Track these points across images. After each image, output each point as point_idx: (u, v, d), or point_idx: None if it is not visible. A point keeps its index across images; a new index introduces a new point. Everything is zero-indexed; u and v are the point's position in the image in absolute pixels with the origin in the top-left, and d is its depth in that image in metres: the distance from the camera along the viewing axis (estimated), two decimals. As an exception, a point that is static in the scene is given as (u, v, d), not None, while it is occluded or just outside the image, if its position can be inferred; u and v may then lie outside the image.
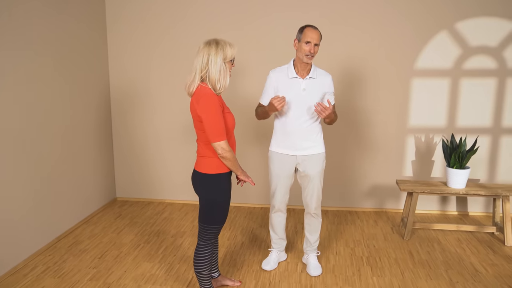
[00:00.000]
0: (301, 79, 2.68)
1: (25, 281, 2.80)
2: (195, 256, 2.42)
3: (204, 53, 2.22)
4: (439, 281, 2.84)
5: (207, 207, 2.33)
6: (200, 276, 2.44)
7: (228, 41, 2.27)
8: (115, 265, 3.02)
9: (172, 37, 4.02)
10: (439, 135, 3.93)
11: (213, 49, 2.21)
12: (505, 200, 3.37)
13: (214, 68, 2.21)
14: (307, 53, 2.59)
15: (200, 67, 2.23)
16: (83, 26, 3.69)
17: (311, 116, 2.71)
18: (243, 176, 2.42)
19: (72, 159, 3.58)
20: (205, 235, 2.39)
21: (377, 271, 2.96)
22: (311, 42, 2.57)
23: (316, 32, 2.59)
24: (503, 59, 3.74)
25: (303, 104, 2.68)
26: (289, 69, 2.71)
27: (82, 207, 3.78)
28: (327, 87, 2.73)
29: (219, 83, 2.24)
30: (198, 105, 2.20)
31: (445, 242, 3.43)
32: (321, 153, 2.79)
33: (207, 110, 2.18)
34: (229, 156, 2.26)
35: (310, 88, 2.68)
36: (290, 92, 2.68)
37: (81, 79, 3.69)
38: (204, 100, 2.19)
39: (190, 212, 4.08)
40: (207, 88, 2.24)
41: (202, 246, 2.41)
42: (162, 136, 4.22)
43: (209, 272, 2.45)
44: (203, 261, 2.41)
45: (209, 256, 2.42)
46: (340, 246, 3.37)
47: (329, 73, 2.79)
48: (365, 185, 4.09)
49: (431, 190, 3.44)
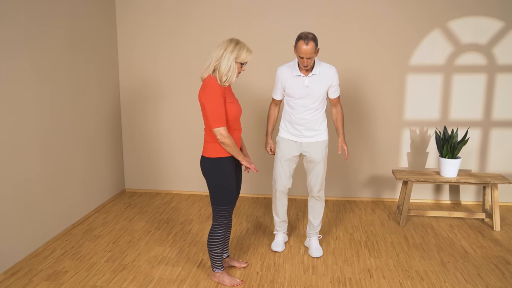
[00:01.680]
0: (305, 76, 2.90)
1: (47, 262, 3.00)
2: (209, 236, 2.62)
3: (222, 47, 2.44)
4: (431, 261, 3.05)
5: (213, 189, 2.54)
6: (212, 254, 2.65)
7: (248, 46, 2.49)
8: (129, 249, 3.22)
9: (182, 30, 4.22)
10: (433, 127, 4.15)
11: (231, 47, 2.43)
12: (493, 188, 3.59)
13: (226, 63, 2.43)
14: (303, 65, 2.80)
15: (215, 58, 2.44)
16: (94, 20, 3.89)
17: (315, 108, 2.94)
18: (245, 162, 2.57)
19: (84, 153, 3.78)
20: (217, 216, 2.59)
21: (374, 253, 3.18)
22: (304, 57, 2.75)
23: (307, 48, 2.68)
24: (493, 56, 3.96)
25: (307, 98, 2.90)
26: (294, 67, 2.92)
27: (94, 197, 3.98)
28: (330, 80, 2.93)
29: (225, 77, 2.45)
30: (203, 94, 2.43)
31: (438, 228, 3.65)
32: (324, 140, 3.02)
33: (209, 98, 2.40)
34: (227, 142, 2.45)
35: (313, 84, 2.89)
36: (295, 88, 2.91)
37: (92, 74, 3.88)
38: (208, 89, 2.41)
39: (197, 201, 4.28)
40: (213, 79, 2.45)
41: (216, 226, 2.61)
42: (169, 130, 4.42)
43: (221, 251, 2.65)
44: (217, 241, 2.61)
45: (222, 236, 2.62)
46: (340, 231, 3.58)
47: (333, 66, 2.95)
48: (363, 176, 4.31)
49: (425, 178, 3.65)
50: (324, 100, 2.98)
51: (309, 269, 2.93)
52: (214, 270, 2.72)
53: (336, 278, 2.82)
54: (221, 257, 2.68)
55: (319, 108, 2.95)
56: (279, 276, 2.84)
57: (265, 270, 2.91)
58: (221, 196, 2.54)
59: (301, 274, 2.86)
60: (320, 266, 2.97)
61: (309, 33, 2.73)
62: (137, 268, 2.92)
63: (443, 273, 2.88)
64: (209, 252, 2.67)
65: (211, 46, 4.19)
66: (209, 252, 2.66)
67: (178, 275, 2.84)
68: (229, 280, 2.70)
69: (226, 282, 2.69)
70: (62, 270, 2.90)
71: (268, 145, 3.16)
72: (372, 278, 2.82)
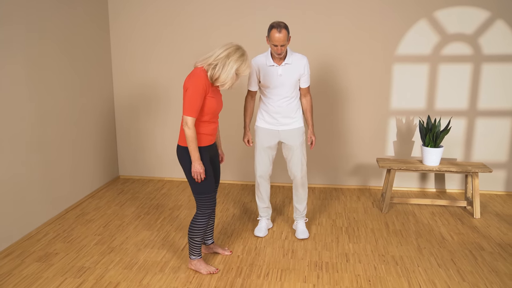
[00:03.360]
0: (278, 66, 2.98)
1: (39, 244, 3.15)
2: (191, 224, 2.69)
3: (227, 49, 2.47)
4: (408, 246, 3.16)
5: (189, 178, 2.61)
6: (192, 242, 2.72)
7: (249, 63, 2.53)
8: (118, 233, 3.36)
9: (173, 28, 4.30)
10: (419, 117, 4.21)
11: (237, 55, 2.46)
12: (474, 177, 3.67)
13: (228, 71, 2.46)
14: (276, 53, 2.88)
15: (216, 56, 2.46)
16: (87, 17, 3.97)
17: (290, 96, 3.03)
18: (197, 165, 2.49)
19: (79, 141, 3.91)
20: (200, 205, 2.66)
21: (353, 239, 3.28)
22: (278, 45, 2.83)
23: (280, 35, 2.78)
24: (478, 46, 3.99)
25: (282, 87, 3.00)
26: (267, 57, 3.01)
27: (88, 183, 4.12)
28: (302, 69, 3.02)
29: (220, 83, 2.50)
30: (188, 81, 2.48)
31: (419, 215, 3.74)
32: (300, 127, 3.12)
33: (190, 87, 2.45)
34: (188, 133, 2.46)
35: (286, 73, 2.98)
36: (269, 77, 3.00)
37: (85, 66, 3.98)
38: (192, 79, 2.47)
39: (187, 188, 4.41)
40: (202, 71, 2.50)
41: (199, 215, 2.67)
42: (161, 119, 4.53)
43: (201, 239, 2.73)
44: (198, 229, 2.68)
45: (204, 225, 2.69)
46: (323, 218, 3.69)
47: (305, 56, 3.09)
48: (350, 164, 4.40)
49: (407, 167, 3.74)
50: (297, 89, 3.07)
51: (289, 253, 3.05)
52: (191, 257, 2.77)
53: (313, 262, 2.93)
54: (200, 245, 2.75)
55: (293, 96, 3.04)
56: (258, 259, 2.96)
57: (246, 253, 3.04)
58: (199, 185, 2.61)
59: (280, 257, 2.98)
60: (299, 251, 3.09)
61: (280, 22, 2.84)
62: (124, 251, 3.06)
63: (418, 258, 2.98)
64: (189, 240, 2.73)
65: (202, 42, 4.27)
66: (189, 239, 2.73)
67: (162, 257, 2.97)
68: (205, 268, 2.76)
69: (202, 270, 2.75)
70: (53, 252, 3.04)
71: (246, 136, 3.24)
72: (348, 262, 2.93)
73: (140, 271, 2.80)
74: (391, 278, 2.73)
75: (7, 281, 2.68)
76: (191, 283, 2.66)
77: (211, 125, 2.63)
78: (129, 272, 2.78)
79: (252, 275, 2.76)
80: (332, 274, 2.78)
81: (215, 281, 2.69)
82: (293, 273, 2.79)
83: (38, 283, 2.65)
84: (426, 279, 2.73)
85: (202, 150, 2.61)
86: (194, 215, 2.71)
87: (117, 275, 2.75)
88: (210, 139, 2.65)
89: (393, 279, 2.72)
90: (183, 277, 2.73)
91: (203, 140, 2.61)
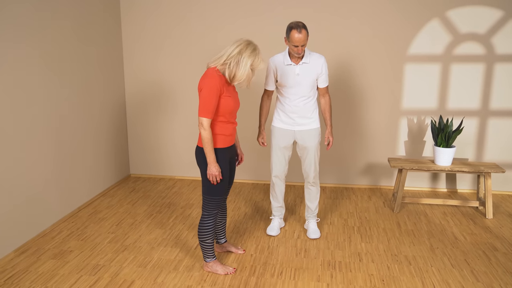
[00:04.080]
0: (296, 65, 2.98)
1: (53, 242, 3.18)
2: (199, 226, 2.68)
3: (238, 47, 2.45)
4: (421, 246, 3.16)
5: (204, 179, 2.59)
6: (203, 245, 2.71)
7: (261, 55, 2.51)
8: (131, 231, 3.39)
9: (185, 25, 4.32)
10: (430, 117, 4.20)
11: (249, 51, 2.44)
12: (487, 177, 3.65)
13: (243, 68, 2.44)
14: (296, 53, 2.88)
15: (228, 54, 2.46)
16: (99, 13, 4.00)
17: (306, 96, 3.03)
18: (212, 167, 2.48)
19: (91, 140, 3.94)
20: (207, 206, 2.64)
21: (366, 238, 3.29)
22: (298, 45, 2.83)
23: (300, 36, 2.78)
24: (491, 46, 3.97)
25: (299, 86, 3.00)
26: (285, 56, 3.01)
27: (100, 182, 4.15)
28: (320, 68, 3.02)
29: (238, 81, 2.48)
30: (201, 83, 2.48)
31: (431, 215, 3.73)
32: (317, 128, 3.12)
33: (204, 88, 2.44)
34: (203, 134, 2.45)
35: (303, 72, 2.98)
36: (286, 76, 2.99)
37: (98, 67, 4.01)
38: (206, 80, 2.46)
39: (198, 187, 4.43)
40: (216, 71, 2.49)
41: (206, 216, 2.66)
42: (172, 118, 4.55)
43: (212, 240, 2.72)
44: (207, 230, 2.67)
45: (212, 226, 2.67)
46: (334, 217, 3.69)
47: (322, 56, 3.07)
48: (361, 164, 4.40)
49: (419, 167, 3.73)
50: (315, 89, 3.07)
51: (301, 252, 3.06)
52: (206, 260, 2.76)
53: (326, 261, 2.94)
54: (213, 246, 2.73)
55: (310, 96, 3.04)
56: (271, 258, 2.97)
57: (259, 252, 3.05)
58: (213, 187, 2.58)
59: (293, 257, 2.99)
60: (312, 250, 3.09)
61: (299, 22, 2.83)
62: (137, 249, 3.08)
63: (431, 258, 2.98)
64: (200, 242, 2.71)
65: (213, 39, 4.28)
66: (200, 242, 2.70)
67: (176, 256, 2.99)
68: (222, 269, 2.74)
69: (219, 271, 2.74)
70: (68, 249, 3.07)
71: (260, 136, 3.23)
72: (361, 261, 2.94)
73: (154, 269, 2.82)
74: (405, 278, 2.73)
75: (24, 277, 2.71)
76: (205, 281, 2.68)
77: (229, 126, 2.60)
78: (143, 270, 2.80)
79: (265, 274, 2.77)
80: (345, 274, 2.78)
81: (229, 279, 2.71)
82: (306, 272, 2.80)
83: (54, 280, 2.68)
84: (440, 279, 2.72)
85: (219, 152, 2.57)
86: (201, 217, 2.69)
87: (132, 273, 2.77)
88: (229, 140, 2.61)
89: (407, 279, 2.72)
90: (197, 275, 2.75)
91: (220, 141, 2.57)
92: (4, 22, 2.84)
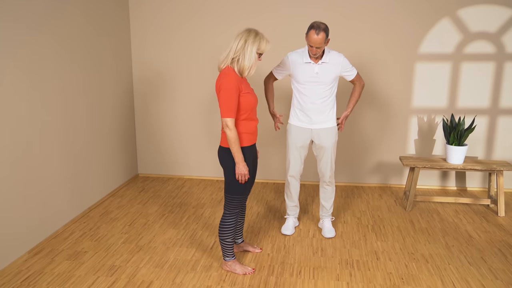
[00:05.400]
0: (314, 63, 2.97)
1: (67, 243, 3.15)
2: (220, 225, 2.68)
3: (241, 38, 2.43)
4: (436, 244, 3.16)
5: (228, 178, 2.58)
6: (223, 243, 2.70)
7: (266, 37, 2.49)
8: (144, 231, 3.36)
9: (194, 19, 4.29)
10: (440, 115, 4.21)
11: (252, 37, 2.43)
12: (499, 175, 3.66)
13: (249, 55, 2.43)
14: (312, 53, 2.88)
15: (235, 49, 2.44)
16: (107, 9, 3.96)
17: (324, 94, 3.01)
18: (241, 166, 2.47)
19: (99, 140, 3.90)
20: (229, 204, 2.64)
21: (381, 237, 3.28)
22: (313, 46, 2.82)
23: (317, 37, 2.76)
24: (502, 44, 3.99)
25: (317, 85, 2.98)
26: (304, 54, 2.99)
27: (109, 182, 4.11)
28: (341, 67, 3.00)
29: (247, 71, 2.47)
30: (219, 84, 2.45)
31: (443, 213, 3.74)
32: (334, 126, 3.10)
33: (223, 88, 2.42)
34: (230, 134, 2.43)
35: (322, 71, 2.97)
36: (304, 74, 2.97)
37: (106, 64, 3.97)
38: (223, 80, 2.44)
39: (208, 186, 4.40)
40: (230, 70, 2.47)
41: (227, 215, 2.66)
42: (180, 117, 4.52)
43: (232, 239, 2.71)
44: (228, 229, 2.66)
45: (233, 225, 2.67)
46: (348, 216, 3.69)
47: (341, 54, 3.03)
48: (371, 162, 4.40)
49: (432, 165, 3.73)
50: (334, 88, 3.05)
51: (318, 251, 3.05)
52: (225, 259, 2.76)
53: (344, 260, 2.93)
54: (232, 245, 2.72)
55: (327, 95, 3.02)
56: (289, 257, 2.96)
57: (276, 252, 3.04)
58: (237, 186, 2.57)
59: (311, 255, 2.98)
60: (328, 249, 3.08)
61: (321, 23, 2.80)
62: (153, 249, 3.06)
63: (448, 256, 2.98)
64: (220, 241, 2.71)
65: (223, 34, 4.26)
66: (220, 240, 2.71)
67: (192, 256, 2.97)
68: (240, 269, 2.73)
69: (238, 271, 2.73)
70: (82, 250, 3.04)
71: (275, 117, 3.18)
72: (378, 260, 2.93)
73: (172, 269, 2.80)
74: (424, 276, 2.73)
75: (40, 279, 2.67)
76: (224, 281, 2.66)
77: (251, 123, 2.58)
78: (160, 271, 2.78)
79: (284, 273, 2.76)
80: (364, 272, 2.77)
81: (248, 279, 2.69)
82: (325, 271, 2.79)
83: (71, 282, 2.65)
84: (458, 277, 2.72)
85: (245, 150, 2.56)
86: (222, 216, 2.69)
87: (149, 273, 2.75)
88: (252, 138, 2.60)
89: (426, 277, 2.72)
90: (216, 275, 2.73)
91: (245, 139, 2.56)
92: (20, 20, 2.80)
